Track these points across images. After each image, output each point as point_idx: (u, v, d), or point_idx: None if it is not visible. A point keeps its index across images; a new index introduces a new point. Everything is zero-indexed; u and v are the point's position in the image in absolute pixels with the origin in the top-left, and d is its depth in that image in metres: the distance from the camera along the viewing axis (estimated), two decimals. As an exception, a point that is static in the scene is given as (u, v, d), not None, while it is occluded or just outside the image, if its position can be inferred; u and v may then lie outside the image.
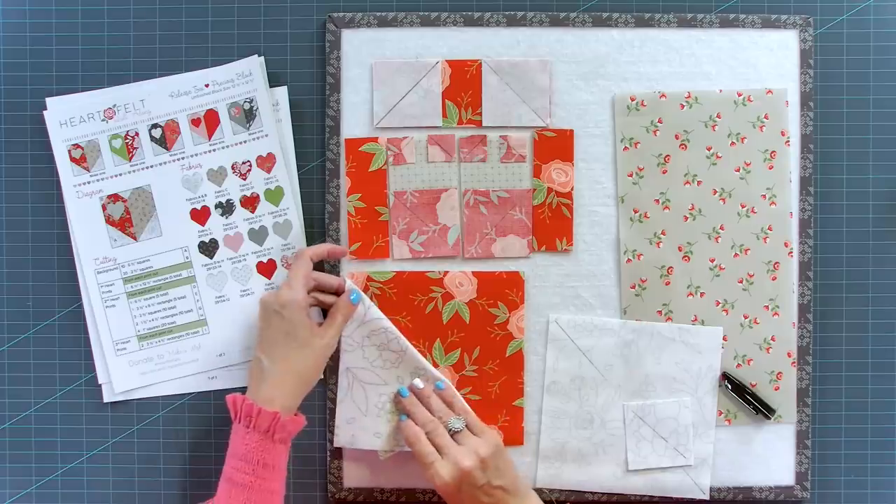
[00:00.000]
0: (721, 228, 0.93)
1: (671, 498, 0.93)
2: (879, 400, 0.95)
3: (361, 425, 0.92)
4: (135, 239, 0.94)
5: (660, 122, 0.93)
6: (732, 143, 0.93)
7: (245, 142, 0.94)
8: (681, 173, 0.94)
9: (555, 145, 0.94)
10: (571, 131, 0.94)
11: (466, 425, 0.88)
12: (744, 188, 0.93)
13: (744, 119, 0.93)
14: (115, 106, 0.94)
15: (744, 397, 0.93)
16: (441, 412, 0.89)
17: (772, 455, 0.94)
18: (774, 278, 0.93)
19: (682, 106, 0.93)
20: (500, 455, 0.86)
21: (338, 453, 0.94)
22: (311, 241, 0.94)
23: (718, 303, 0.93)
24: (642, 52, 0.94)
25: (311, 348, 0.86)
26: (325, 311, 0.92)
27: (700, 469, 0.93)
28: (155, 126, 0.94)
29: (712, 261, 0.93)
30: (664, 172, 0.94)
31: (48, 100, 0.94)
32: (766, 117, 0.93)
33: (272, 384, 0.84)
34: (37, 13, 0.95)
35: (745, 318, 0.93)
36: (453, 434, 0.87)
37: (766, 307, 0.93)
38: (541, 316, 0.94)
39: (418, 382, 0.91)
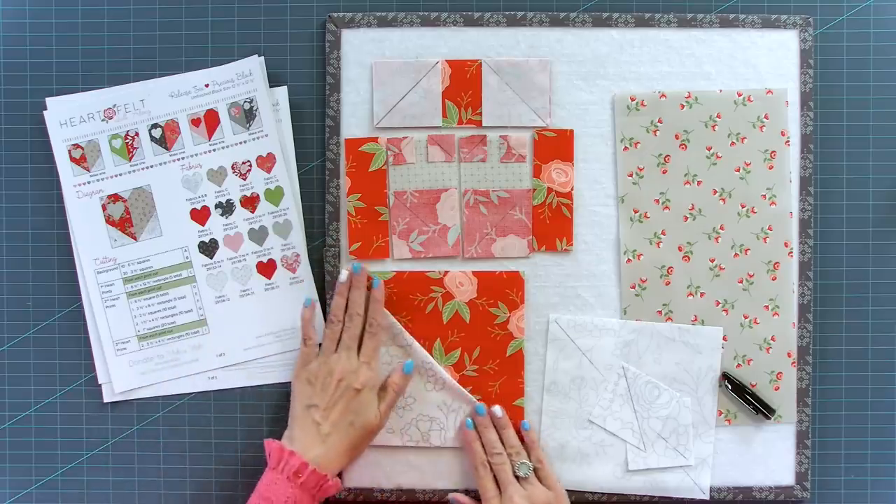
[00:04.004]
0: (721, 228, 0.93)
1: (671, 498, 0.93)
2: (879, 400, 0.95)
3: None
4: (135, 239, 0.94)
5: (660, 122, 0.93)
6: (732, 143, 0.93)
7: (245, 142, 0.94)
8: (681, 173, 0.94)
9: (555, 145, 0.94)
10: (571, 131, 0.94)
11: (536, 473, 0.89)
12: (744, 188, 0.93)
13: (744, 119, 0.93)
14: (115, 106, 0.94)
15: (744, 397, 0.93)
16: (514, 449, 0.90)
17: (772, 455, 0.94)
18: (774, 278, 0.93)
19: (682, 106, 0.93)
20: None
21: (338, 453, 0.94)
22: (311, 241, 0.94)
23: (718, 303, 0.93)
24: (642, 52, 0.94)
25: (372, 432, 0.88)
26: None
27: (700, 469, 0.93)
28: (155, 126, 0.94)
29: (712, 261, 0.93)
30: (664, 172, 0.94)
31: (48, 100, 0.94)
32: (766, 117, 0.93)
33: (327, 452, 0.85)
34: (37, 13, 0.95)
35: (745, 318, 0.93)
36: (518, 478, 0.88)
37: (766, 307, 0.93)
38: (541, 316, 0.94)
39: (498, 410, 0.91)
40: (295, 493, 0.82)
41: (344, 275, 0.91)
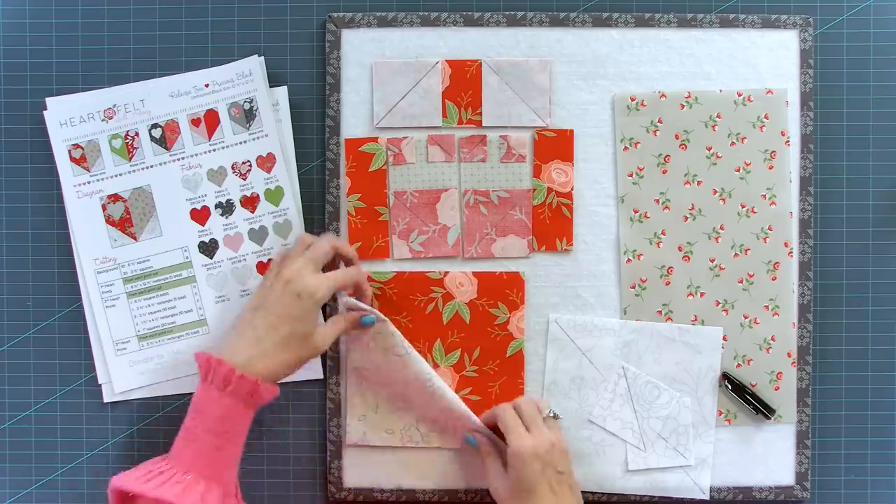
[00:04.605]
0: (721, 228, 0.93)
1: (671, 498, 0.93)
2: (879, 400, 0.95)
3: (373, 422, 0.92)
4: (135, 239, 0.94)
5: (660, 122, 0.93)
6: (732, 143, 0.93)
7: (245, 142, 0.94)
8: (681, 173, 0.94)
9: (555, 145, 0.94)
10: (571, 131, 0.94)
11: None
12: (744, 188, 0.93)
13: (744, 119, 0.93)
14: (115, 106, 0.94)
15: (744, 397, 0.93)
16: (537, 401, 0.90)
17: (772, 455, 0.94)
18: (774, 278, 0.93)
19: (682, 106, 0.93)
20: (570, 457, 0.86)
21: (338, 453, 0.94)
22: (311, 241, 0.94)
23: (718, 303, 0.93)
24: (642, 52, 0.94)
25: (307, 344, 0.84)
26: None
27: (700, 469, 0.93)
28: (155, 126, 0.94)
29: (712, 261, 0.93)
30: (664, 172, 0.94)
31: (48, 100, 0.94)
32: (766, 117, 0.93)
33: (261, 357, 0.81)
34: (37, 13, 0.95)
35: (745, 318, 0.93)
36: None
37: (766, 307, 0.93)
38: (541, 316, 0.94)
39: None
40: (228, 404, 0.79)
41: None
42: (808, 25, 0.94)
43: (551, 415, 0.88)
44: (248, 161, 0.94)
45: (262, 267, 0.94)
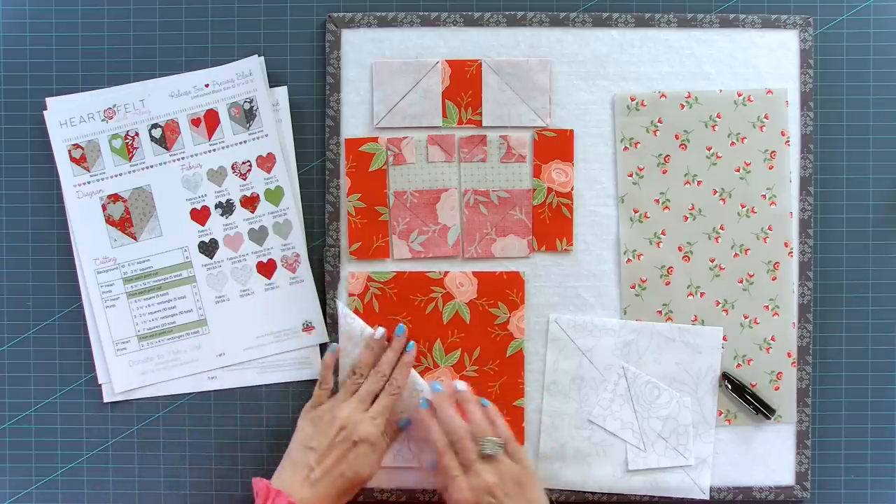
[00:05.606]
0: (721, 228, 0.93)
1: (671, 498, 0.93)
2: (879, 400, 0.95)
3: None
4: (135, 239, 0.94)
5: (660, 122, 0.93)
6: (732, 143, 0.93)
7: (245, 142, 0.94)
8: (681, 173, 0.94)
9: (555, 145, 0.94)
10: (571, 131, 0.94)
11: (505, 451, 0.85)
12: (744, 188, 0.93)
13: (744, 119, 0.93)
14: (115, 106, 0.94)
15: (744, 397, 0.93)
16: (479, 427, 0.85)
17: (772, 455, 0.94)
18: (774, 278, 0.93)
19: (682, 106, 0.93)
20: (531, 485, 0.84)
21: (338, 453, 0.94)
22: (311, 241, 0.94)
23: (718, 303, 0.93)
24: (642, 52, 0.94)
25: (362, 483, 0.85)
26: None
27: (700, 469, 0.93)
28: (155, 126, 0.94)
29: (712, 261, 0.93)
30: (664, 172, 0.94)
31: (48, 100, 0.94)
32: (766, 117, 0.93)
33: (314, 497, 0.82)
34: (37, 13, 0.95)
35: (745, 318, 0.93)
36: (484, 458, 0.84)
37: (766, 307, 0.93)
38: (541, 316, 0.94)
39: (459, 384, 0.89)
40: None
41: (380, 332, 0.90)
42: (808, 25, 0.94)
43: (491, 451, 0.84)
44: (248, 161, 0.94)
45: (262, 267, 0.94)
